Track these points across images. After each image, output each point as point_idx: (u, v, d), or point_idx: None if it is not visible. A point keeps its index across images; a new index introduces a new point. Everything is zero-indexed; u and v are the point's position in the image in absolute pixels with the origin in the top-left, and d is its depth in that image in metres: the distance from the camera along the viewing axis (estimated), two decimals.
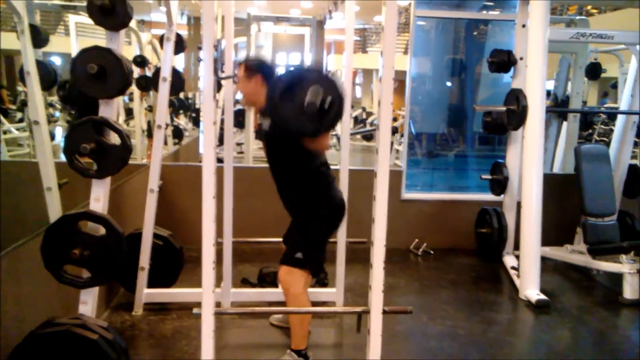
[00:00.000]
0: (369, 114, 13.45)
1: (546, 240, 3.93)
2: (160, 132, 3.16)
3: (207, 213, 1.96)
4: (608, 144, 5.16)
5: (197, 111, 7.84)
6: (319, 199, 2.51)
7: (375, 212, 1.99)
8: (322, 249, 2.57)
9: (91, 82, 2.03)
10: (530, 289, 3.66)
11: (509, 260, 4.28)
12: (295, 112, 1.93)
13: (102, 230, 2.11)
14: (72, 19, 5.20)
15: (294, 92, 1.94)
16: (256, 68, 2.51)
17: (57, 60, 5.50)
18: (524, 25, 4.12)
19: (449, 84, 7.58)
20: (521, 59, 4.17)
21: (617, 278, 3.81)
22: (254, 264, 3.92)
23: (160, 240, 3.32)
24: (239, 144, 6.90)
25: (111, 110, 2.13)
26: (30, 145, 4.95)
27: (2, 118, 5.89)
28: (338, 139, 7.22)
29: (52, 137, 4.50)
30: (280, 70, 2.55)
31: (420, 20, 6.17)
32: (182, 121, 7.62)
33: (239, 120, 6.26)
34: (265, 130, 2.52)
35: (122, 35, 2.15)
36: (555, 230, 4.40)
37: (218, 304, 3.10)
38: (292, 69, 1.95)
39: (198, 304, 2.04)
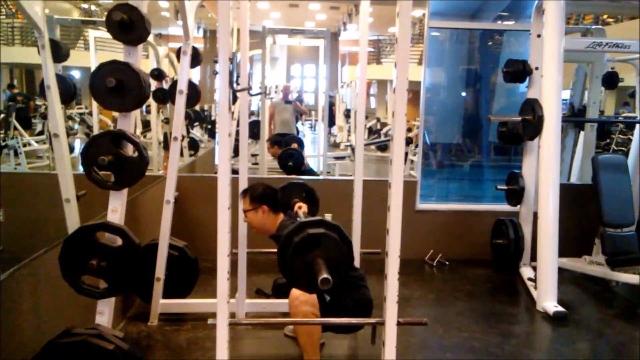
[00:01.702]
0: (384, 124, 13.45)
1: (563, 252, 3.88)
2: (176, 143, 3.21)
3: (222, 223, 1.97)
4: (626, 154, 5.10)
5: (213, 123, 7.92)
6: (347, 296, 2.54)
7: (389, 223, 1.99)
8: (343, 314, 2.57)
9: (109, 96, 2.07)
10: (548, 301, 3.61)
11: (526, 272, 4.24)
12: (307, 281, 1.96)
13: (119, 241, 2.13)
14: (91, 33, 5.31)
15: (302, 259, 1.96)
16: (260, 199, 2.63)
17: (76, 74, 5.61)
18: (539, 35, 4.11)
19: (463, 94, 7.56)
20: (536, 68, 4.15)
21: (637, 290, 3.74)
22: (268, 274, 3.92)
23: (176, 251, 3.35)
24: (253, 155, 6.95)
25: (129, 123, 2.16)
26: (50, 158, 5.05)
27: (22, 130, 6.01)
28: (352, 149, 7.23)
29: (71, 149, 4.57)
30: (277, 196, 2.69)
31: (434, 31, 6.18)
32: (198, 133, 7.70)
33: (254, 131, 6.31)
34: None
35: (140, 49, 2.19)
36: (573, 242, 4.34)
37: (232, 315, 3.12)
38: (296, 226, 1.99)
39: (213, 315, 2.05)
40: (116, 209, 2.18)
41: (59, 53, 3.62)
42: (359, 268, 2.78)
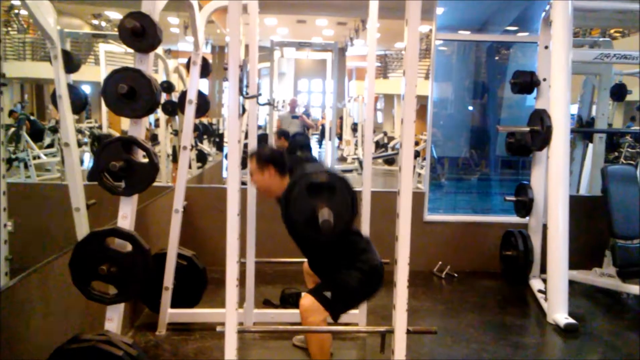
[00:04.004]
0: (391, 138, 13.47)
1: (574, 264, 3.84)
2: (185, 152, 3.23)
3: (232, 229, 1.97)
4: (636, 167, 5.07)
5: (221, 136, 7.96)
6: (350, 266, 2.47)
7: (398, 230, 1.97)
8: (352, 302, 2.55)
9: (121, 102, 2.10)
10: (559, 313, 3.57)
11: (536, 284, 4.19)
12: (309, 226, 1.97)
13: (129, 247, 2.14)
14: (102, 47, 5.38)
15: (308, 203, 1.98)
16: (268, 160, 2.57)
17: (87, 89, 5.68)
18: (546, 47, 4.12)
19: (470, 108, 7.57)
20: (544, 80, 4.16)
21: None
22: (275, 286, 3.91)
23: (184, 260, 3.34)
24: None
25: (140, 129, 2.18)
26: (61, 170, 5.08)
27: (32, 143, 6.07)
28: (360, 162, 7.23)
29: (81, 162, 4.61)
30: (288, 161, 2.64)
31: (441, 45, 6.21)
32: (206, 146, 7.75)
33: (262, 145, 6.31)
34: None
35: (151, 57, 2.22)
36: (583, 254, 4.30)
37: (240, 324, 3.11)
38: (305, 173, 2.03)
39: (221, 324, 2.04)
40: (126, 215, 2.19)
41: (71, 64, 3.66)
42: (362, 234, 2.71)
